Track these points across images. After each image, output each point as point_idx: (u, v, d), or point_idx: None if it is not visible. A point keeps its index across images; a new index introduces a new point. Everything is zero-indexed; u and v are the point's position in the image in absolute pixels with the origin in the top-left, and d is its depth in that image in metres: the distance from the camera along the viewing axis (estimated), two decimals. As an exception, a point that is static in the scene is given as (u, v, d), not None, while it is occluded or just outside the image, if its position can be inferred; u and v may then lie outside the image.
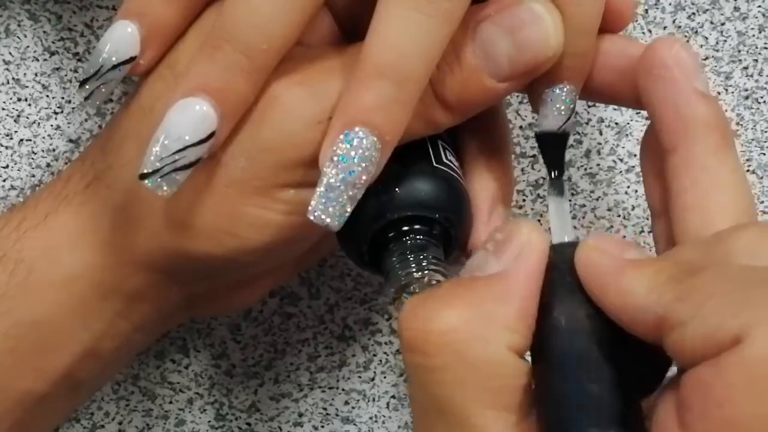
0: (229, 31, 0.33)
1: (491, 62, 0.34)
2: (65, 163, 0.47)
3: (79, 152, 0.47)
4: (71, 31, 0.46)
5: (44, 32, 0.46)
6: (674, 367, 0.30)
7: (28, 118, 0.47)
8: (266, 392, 0.49)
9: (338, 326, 0.49)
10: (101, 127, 0.47)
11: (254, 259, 0.36)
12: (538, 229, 0.31)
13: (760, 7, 0.47)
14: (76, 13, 0.46)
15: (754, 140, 0.48)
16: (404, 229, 0.35)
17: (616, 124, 0.47)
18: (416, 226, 0.35)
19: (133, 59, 0.36)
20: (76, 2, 0.46)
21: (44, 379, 0.39)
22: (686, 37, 0.47)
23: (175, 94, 0.33)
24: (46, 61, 0.46)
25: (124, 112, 0.38)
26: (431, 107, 0.34)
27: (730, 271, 0.28)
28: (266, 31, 0.33)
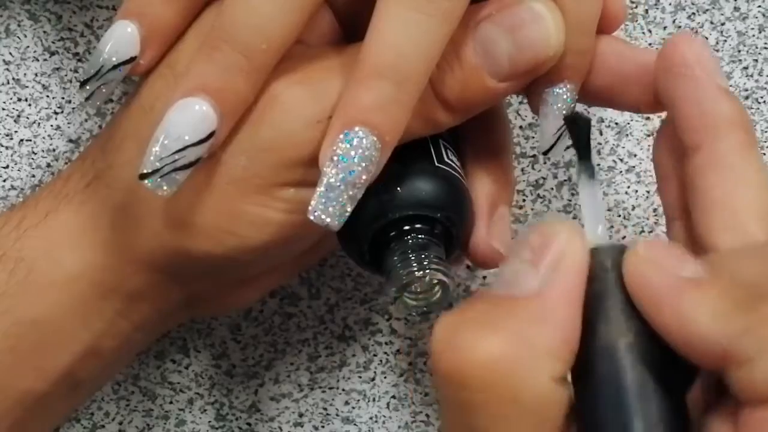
0: (228, 31, 0.33)
1: (492, 62, 0.34)
2: (65, 163, 0.47)
3: (79, 152, 0.47)
4: (71, 31, 0.46)
5: (44, 32, 0.46)
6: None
7: (28, 118, 0.47)
8: (266, 392, 0.49)
9: (338, 326, 0.49)
10: (101, 127, 0.47)
11: (255, 257, 0.36)
12: (576, 231, 0.28)
13: (760, 7, 0.47)
14: (76, 13, 0.46)
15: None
16: (405, 228, 0.35)
17: (616, 124, 0.47)
18: (417, 225, 0.35)
19: (133, 59, 0.36)
20: (76, 2, 0.46)
21: (44, 378, 0.39)
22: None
23: (174, 94, 0.33)
24: (46, 61, 0.46)
25: (124, 111, 0.38)
26: (432, 107, 0.34)
27: None
28: (265, 31, 0.33)
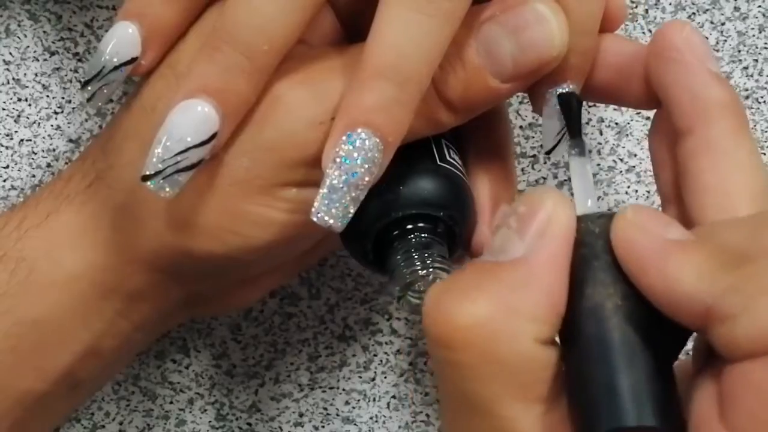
0: (229, 31, 0.33)
1: (495, 62, 0.34)
2: (65, 163, 0.47)
3: (79, 152, 0.47)
4: (71, 31, 0.46)
5: (44, 32, 0.46)
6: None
7: (28, 118, 0.46)
8: (267, 392, 0.49)
9: (339, 326, 0.49)
10: (101, 127, 0.47)
11: (257, 257, 0.36)
12: (563, 200, 0.29)
13: (760, 7, 0.47)
14: (76, 13, 0.46)
15: (755, 141, 0.48)
16: (408, 227, 0.35)
17: (616, 124, 0.47)
18: (420, 224, 0.35)
19: (134, 60, 0.36)
20: (76, 2, 0.46)
21: (44, 378, 0.39)
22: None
23: (176, 95, 0.33)
24: (46, 61, 0.46)
25: (125, 111, 0.37)
26: (434, 107, 0.34)
27: None
28: (267, 31, 0.33)
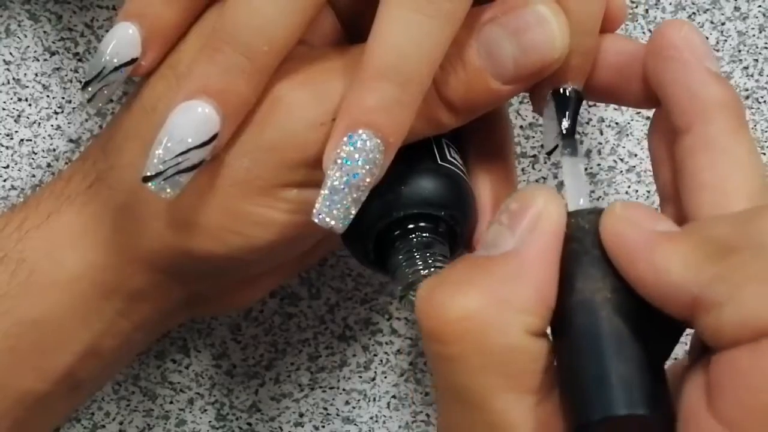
0: (229, 32, 0.33)
1: (496, 64, 0.34)
2: (66, 163, 0.47)
3: (79, 152, 0.47)
4: (71, 31, 0.46)
5: (44, 32, 0.46)
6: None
7: (28, 118, 0.46)
8: (267, 392, 0.49)
9: (339, 326, 0.49)
10: (102, 127, 0.47)
11: (258, 257, 0.36)
12: (554, 196, 0.30)
13: (760, 7, 0.47)
14: (76, 13, 0.46)
15: (754, 140, 0.48)
16: (410, 227, 0.35)
17: (616, 124, 0.47)
18: (422, 223, 0.35)
19: (134, 61, 0.36)
20: (76, 2, 0.46)
21: (44, 378, 0.39)
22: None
23: (177, 96, 0.33)
24: (46, 61, 0.46)
25: (125, 112, 0.37)
26: (435, 108, 0.34)
27: None
28: (267, 32, 0.33)
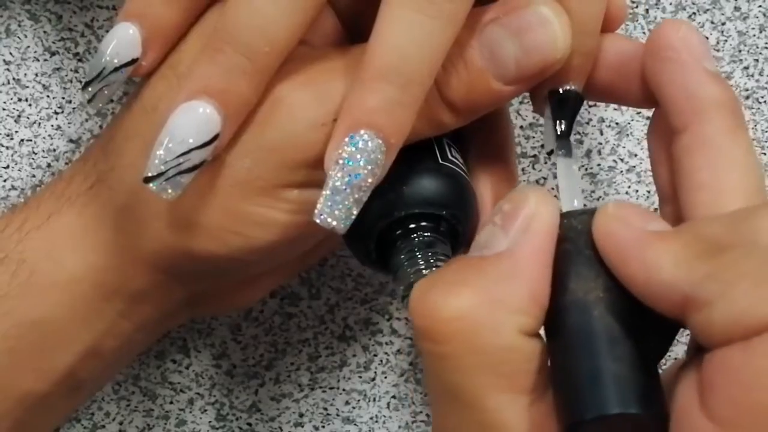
0: (230, 32, 0.33)
1: (498, 65, 0.34)
2: (66, 163, 0.47)
3: (79, 152, 0.47)
4: (71, 31, 0.46)
5: (44, 32, 0.46)
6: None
7: (28, 118, 0.46)
8: (267, 392, 0.49)
9: (339, 326, 0.49)
10: (102, 127, 0.47)
11: (259, 258, 0.36)
12: (546, 197, 0.30)
13: (760, 7, 0.47)
14: (76, 13, 0.46)
15: (754, 140, 0.48)
16: (411, 226, 0.35)
17: (616, 124, 0.47)
18: (423, 223, 0.35)
19: (135, 61, 0.36)
20: (76, 2, 0.46)
21: (45, 379, 0.39)
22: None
23: (178, 96, 0.33)
24: (46, 61, 0.46)
25: (125, 112, 0.37)
26: (437, 108, 0.34)
27: (760, 252, 0.27)
28: (268, 33, 0.33)
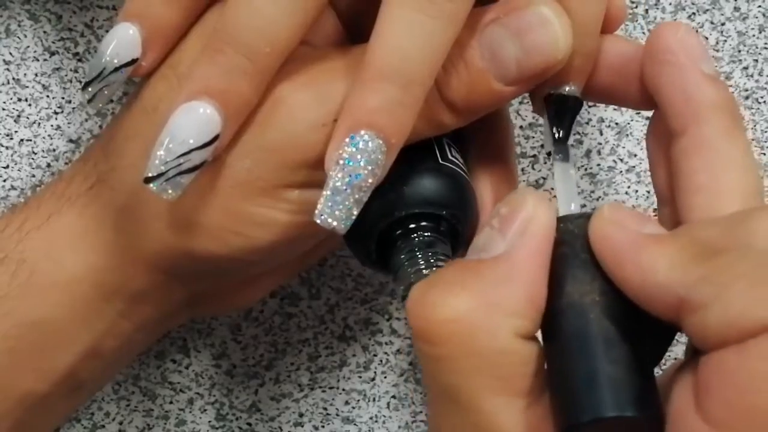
0: (230, 33, 0.33)
1: (498, 65, 0.34)
2: (66, 163, 0.47)
3: (79, 152, 0.47)
4: (71, 31, 0.46)
5: (44, 32, 0.46)
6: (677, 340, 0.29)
7: (28, 118, 0.46)
8: (267, 392, 0.49)
9: (339, 326, 0.49)
10: (102, 127, 0.47)
11: (260, 258, 0.36)
12: (543, 200, 0.30)
13: (760, 7, 0.47)
14: (76, 13, 0.46)
15: (754, 140, 0.48)
16: (411, 226, 0.35)
17: (616, 124, 0.47)
18: (423, 223, 0.35)
19: (135, 61, 0.36)
20: (76, 2, 0.46)
21: (45, 379, 0.39)
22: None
23: (178, 96, 0.33)
24: (46, 61, 0.46)
25: (126, 112, 0.37)
26: (437, 109, 0.34)
27: (755, 254, 0.27)
28: (268, 33, 0.33)
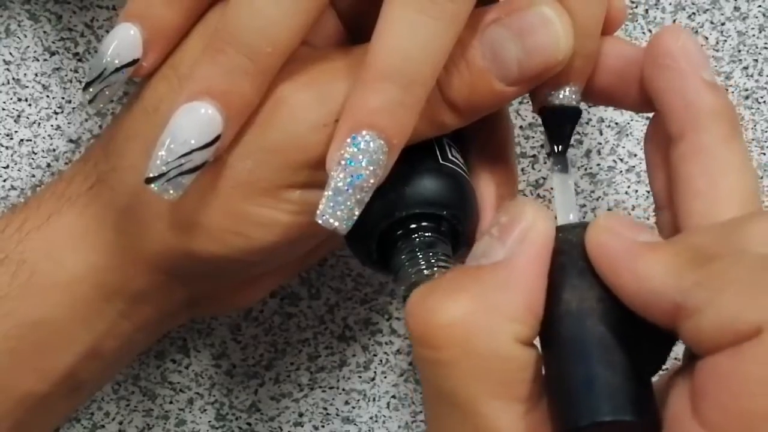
0: (232, 33, 0.33)
1: (500, 66, 0.34)
2: (65, 163, 0.47)
3: (79, 152, 0.47)
4: (71, 31, 0.46)
5: (44, 32, 0.46)
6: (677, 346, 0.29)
7: (28, 118, 0.46)
8: (266, 392, 0.49)
9: (338, 326, 0.49)
10: (102, 127, 0.47)
11: (261, 258, 0.36)
12: (542, 210, 0.30)
13: (760, 7, 0.47)
14: (76, 13, 0.46)
15: (754, 140, 0.48)
16: (412, 226, 0.35)
17: (616, 124, 0.47)
18: (424, 223, 0.35)
19: (135, 62, 0.36)
20: (76, 2, 0.46)
21: (45, 379, 0.39)
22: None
23: (179, 97, 0.33)
24: (46, 61, 0.46)
25: (126, 112, 0.37)
26: (438, 109, 0.34)
27: (749, 259, 0.27)
28: (270, 33, 0.33)
